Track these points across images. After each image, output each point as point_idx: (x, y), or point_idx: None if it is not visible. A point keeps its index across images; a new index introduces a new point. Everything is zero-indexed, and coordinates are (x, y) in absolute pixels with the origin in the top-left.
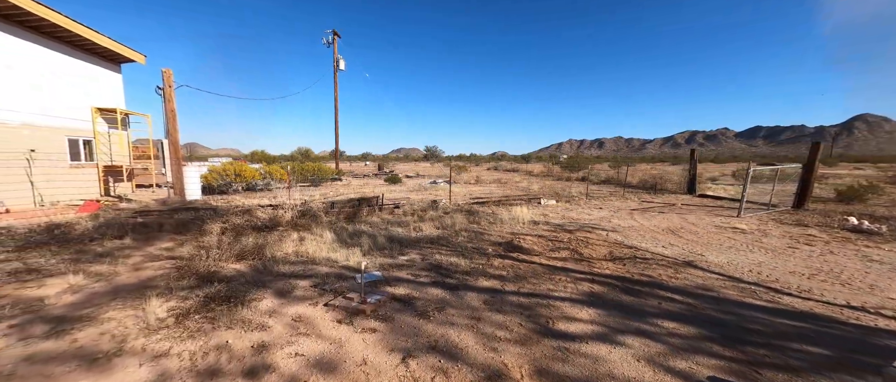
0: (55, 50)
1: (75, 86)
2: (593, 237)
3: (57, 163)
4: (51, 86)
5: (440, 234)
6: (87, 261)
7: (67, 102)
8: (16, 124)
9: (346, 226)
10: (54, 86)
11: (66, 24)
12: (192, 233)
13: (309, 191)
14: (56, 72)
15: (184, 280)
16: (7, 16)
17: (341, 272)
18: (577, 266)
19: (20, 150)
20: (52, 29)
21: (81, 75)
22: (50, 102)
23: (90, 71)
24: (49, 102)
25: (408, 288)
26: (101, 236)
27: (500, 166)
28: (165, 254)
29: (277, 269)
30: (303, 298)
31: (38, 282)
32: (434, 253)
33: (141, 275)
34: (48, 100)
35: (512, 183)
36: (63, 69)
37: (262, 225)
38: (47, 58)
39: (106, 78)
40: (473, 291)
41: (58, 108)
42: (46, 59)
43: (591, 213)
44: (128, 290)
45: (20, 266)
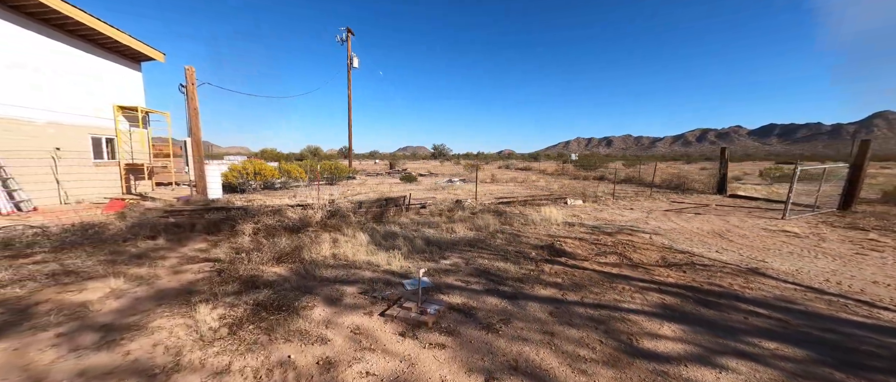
0: (79, 48)
1: (98, 85)
2: (637, 240)
3: (81, 161)
4: (75, 84)
5: (475, 236)
6: (123, 263)
7: (91, 101)
8: (42, 123)
9: (377, 227)
10: (78, 84)
11: (91, 22)
12: (224, 234)
13: (327, 189)
14: (80, 70)
15: (227, 285)
16: (33, 14)
17: (385, 277)
18: (634, 273)
19: (46, 149)
20: (76, 27)
21: (104, 74)
22: (74, 101)
23: (112, 69)
24: (73, 101)
25: (462, 297)
26: (134, 236)
27: (511, 165)
28: (201, 256)
29: (319, 273)
30: (355, 306)
31: (79, 286)
32: (476, 256)
33: (182, 279)
34: (72, 98)
35: (528, 182)
36: (87, 67)
37: (292, 226)
38: (71, 56)
39: (127, 76)
40: (533, 301)
41: (82, 107)
42: (71, 58)
43: (624, 214)
44: (172, 295)
45: (58, 267)
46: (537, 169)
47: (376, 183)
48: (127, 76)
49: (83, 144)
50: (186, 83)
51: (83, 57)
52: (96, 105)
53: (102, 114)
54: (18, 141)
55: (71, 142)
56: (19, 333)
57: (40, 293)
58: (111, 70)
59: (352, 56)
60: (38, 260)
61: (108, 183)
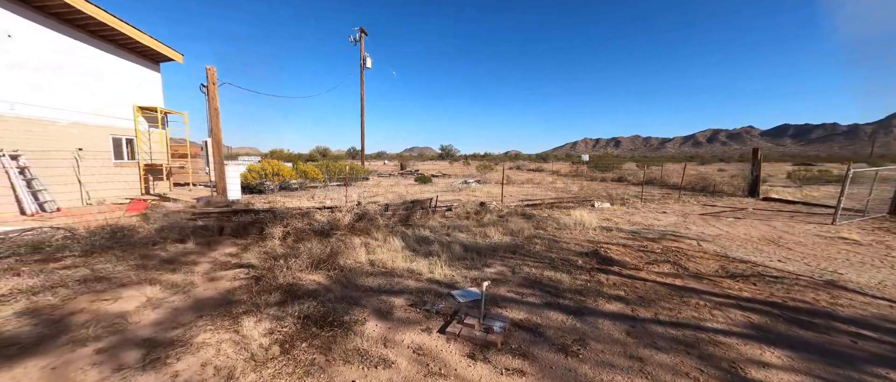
0: (101, 48)
1: (118, 85)
2: (685, 247)
3: (102, 161)
4: (96, 84)
5: (511, 242)
6: (154, 268)
7: (111, 101)
8: (65, 123)
9: (406, 231)
10: (100, 84)
11: (113, 22)
12: (252, 237)
13: (343, 190)
14: (101, 70)
15: (267, 294)
16: (57, 14)
17: (431, 287)
18: (700, 285)
19: (69, 150)
20: (98, 28)
21: (125, 74)
22: (96, 101)
23: (133, 70)
24: (96, 101)
25: (521, 311)
26: (162, 240)
27: (522, 165)
28: (233, 261)
29: (361, 282)
30: (409, 321)
31: (113, 294)
32: (520, 264)
33: (218, 287)
34: (94, 98)
35: (545, 183)
36: (108, 68)
37: (321, 229)
38: (93, 56)
39: (147, 77)
40: (602, 317)
41: (103, 107)
42: (92, 58)
43: (658, 218)
44: (211, 305)
45: (88, 273)
46: (549, 169)
47: (391, 184)
48: (147, 77)
49: (104, 145)
50: (207, 83)
51: (105, 57)
52: (117, 105)
53: (123, 115)
54: (42, 142)
55: (93, 143)
56: (58, 348)
57: (74, 301)
58: (132, 70)
59: (365, 56)
60: (67, 264)
61: (127, 183)
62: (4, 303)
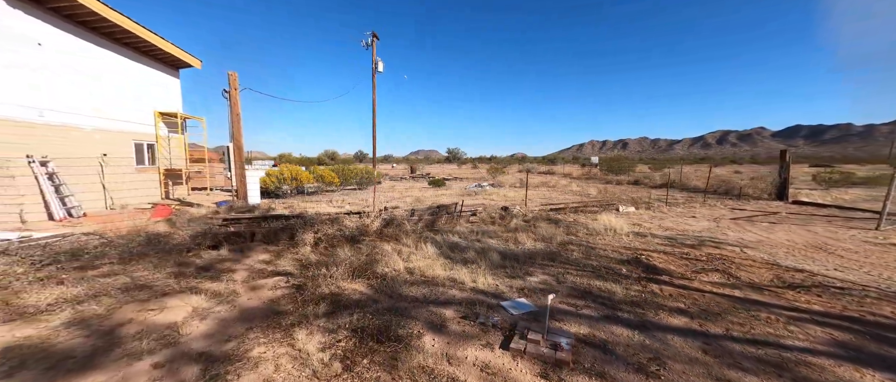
0: (124, 55)
1: (140, 91)
2: (729, 254)
3: (124, 166)
4: (120, 90)
5: (546, 248)
6: (192, 276)
7: (134, 107)
8: (89, 129)
9: (435, 237)
10: (123, 90)
11: (137, 30)
12: (283, 243)
13: (358, 194)
14: (124, 77)
15: (313, 304)
16: (84, 22)
17: (476, 297)
18: (761, 296)
19: (93, 155)
20: (123, 35)
21: (146, 80)
22: (118, 107)
23: (153, 76)
24: (117, 107)
25: (581, 325)
26: (196, 246)
27: (532, 168)
28: (270, 269)
29: (404, 292)
30: (466, 335)
31: (158, 303)
32: (563, 273)
33: (261, 296)
34: (116, 104)
35: (560, 186)
36: (130, 74)
37: (351, 235)
38: (117, 63)
39: (167, 83)
40: (670, 333)
41: (126, 113)
42: (116, 65)
43: (690, 223)
44: (258, 316)
45: (129, 281)
46: (560, 172)
47: (405, 187)
48: (166, 82)
49: (127, 150)
50: (229, 88)
51: (128, 64)
52: (139, 111)
53: (144, 120)
54: (68, 148)
55: (116, 148)
56: (113, 362)
57: (119, 311)
58: (152, 76)
59: (377, 60)
60: (105, 271)
61: (148, 188)
62: (51, 313)
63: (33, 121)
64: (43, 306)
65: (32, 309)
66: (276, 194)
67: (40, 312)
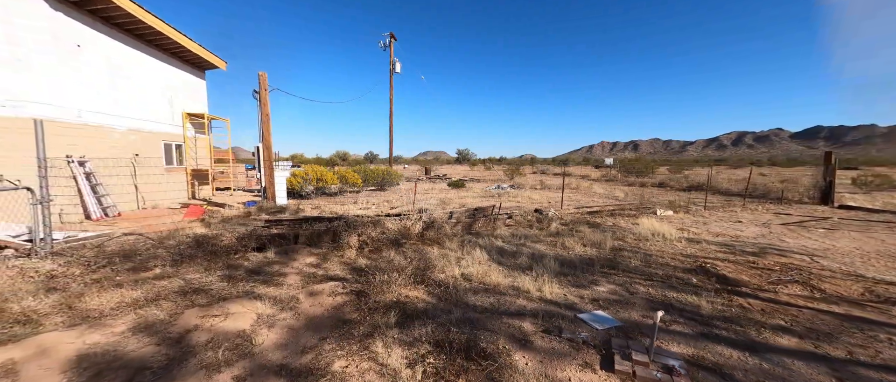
0: (155, 57)
1: (170, 92)
2: (800, 263)
3: (154, 167)
4: (150, 92)
5: (599, 254)
6: (243, 279)
7: (163, 108)
8: (123, 130)
9: (478, 241)
10: (153, 92)
11: (167, 30)
12: (326, 246)
13: (380, 195)
14: (155, 78)
15: (380, 314)
16: (119, 25)
17: (549, 308)
18: (866, 313)
19: (126, 155)
20: (155, 37)
21: (175, 81)
22: (149, 108)
23: (182, 77)
24: (149, 108)
25: (679, 344)
26: (243, 248)
27: (547, 170)
28: (320, 273)
29: (470, 301)
30: (558, 353)
31: (220, 309)
32: (629, 282)
33: (323, 303)
34: (148, 106)
35: (583, 189)
36: (160, 75)
37: (393, 239)
38: (148, 64)
39: (194, 84)
40: (784, 355)
41: (157, 114)
42: (148, 66)
43: (739, 229)
44: (326, 325)
45: (183, 284)
46: (578, 174)
47: (425, 188)
48: (193, 84)
49: (157, 151)
50: (259, 88)
51: (158, 65)
52: (168, 112)
53: (173, 121)
54: (103, 148)
55: (147, 149)
56: (191, 374)
57: (183, 316)
58: (181, 78)
59: (394, 61)
60: (158, 273)
61: (176, 188)
62: (115, 317)
63: (72, 121)
64: (106, 310)
65: (96, 313)
66: (300, 194)
67: (104, 316)
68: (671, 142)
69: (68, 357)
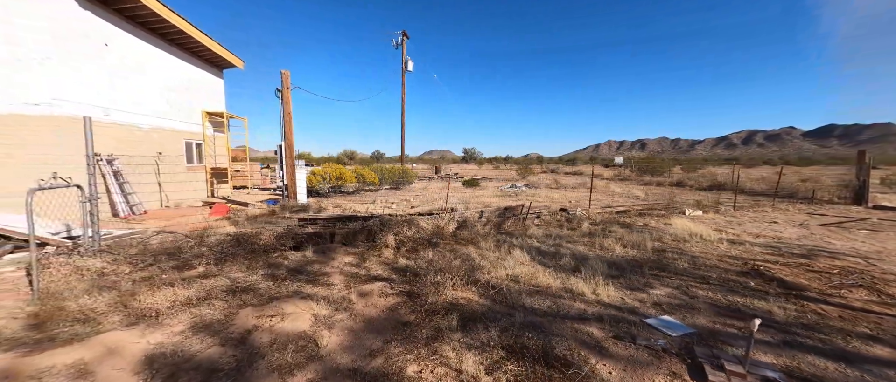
0: (176, 55)
1: (192, 92)
2: (855, 266)
3: (176, 165)
4: (173, 91)
5: (641, 256)
6: (287, 279)
7: (184, 106)
8: (147, 128)
9: (513, 241)
10: (175, 91)
11: (190, 29)
12: (361, 245)
13: (395, 194)
14: (179, 77)
15: (439, 316)
16: (144, 23)
17: (610, 312)
18: None
19: (150, 153)
20: (177, 36)
21: (196, 80)
22: (172, 107)
23: (202, 76)
24: (171, 107)
25: (764, 353)
26: (281, 247)
27: (558, 169)
28: (363, 273)
29: (526, 303)
30: (639, 362)
31: (275, 309)
32: (684, 285)
33: (376, 304)
34: (171, 104)
35: (600, 188)
36: (181, 74)
37: (428, 238)
38: (172, 64)
39: (212, 83)
40: (885, 367)
41: (179, 113)
42: (170, 65)
43: (777, 229)
44: (386, 327)
45: (229, 283)
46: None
47: (439, 187)
48: (212, 83)
49: (179, 149)
50: (281, 87)
51: (179, 64)
52: (189, 111)
53: (193, 120)
54: (129, 146)
55: (169, 147)
56: (266, 377)
57: (238, 317)
58: (201, 77)
59: (406, 60)
60: (202, 271)
61: (196, 186)
62: (171, 316)
63: (100, 119)
64: (162, 309)
65: (151, 312)
66: (318, 193)
67: (160, 315)
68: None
69: (137, 357)
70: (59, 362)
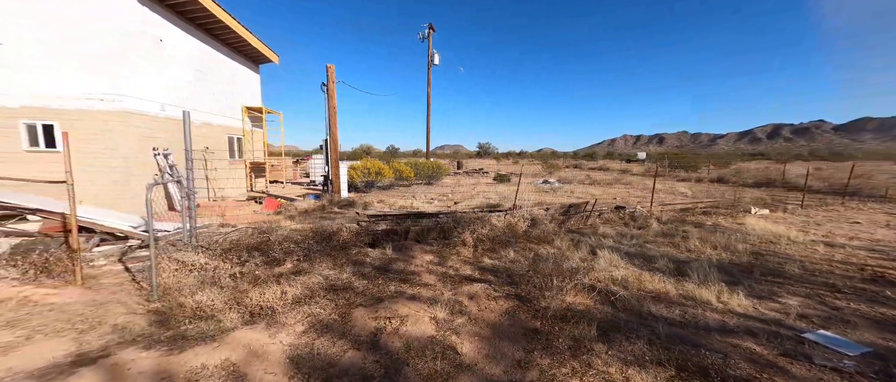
0: (219, 51)
1: (233, 87)
2: None
3: (220, 160)
4: (217, 86)
5: (735, 259)
6: (377, 277)
7: (227, 102)
8: (198, 124)
9: (586, 239)
10: (219, 86)
11: (234, 25)
12: (435, 243)
13: (434, 189)
14: (220, 72)
15: (568, 325)
16: (192, 19)
17: (754, 325)
18: None
19: (198, 148)
20: (222, 31)
21: (237, 76)
22: (217, 102)
23: (242, 72)
24: (217, 102)
25: None
26: (360, 243)
27: (581, 165)
28: (453, 273)
29: (650, 310)
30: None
31: (387, 311)
32: (815, 293)
33: (490, 308)
34: (216, 100)
35: (636, 184)
36: (225, 69)
37: (500, 236)
38: (215, 58)
39: (250, 78)
40: None
41: (221, 107)
42: (215, 60)
43: (864, 230)
44: (514, 334)
45: (322, 280)
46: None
47: (472, 183)
48: (250, 78)
49: (223, 144)
50: (327, 81)
51: (223, 59)
52: (231, 106)
53: (234, 115)
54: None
55: (214, 142)
56: None
57: (352, 317)
58: (241, 72)
59: (433, 53)
60: (290, 267)
61: (237, 180)
62: (286, 315)
63: (156, 114)
64: (276, 307)
65: (267, 311)
66: (355, 187)
67: (276, 313)
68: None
69: (280, 359)
70: (209, 362)
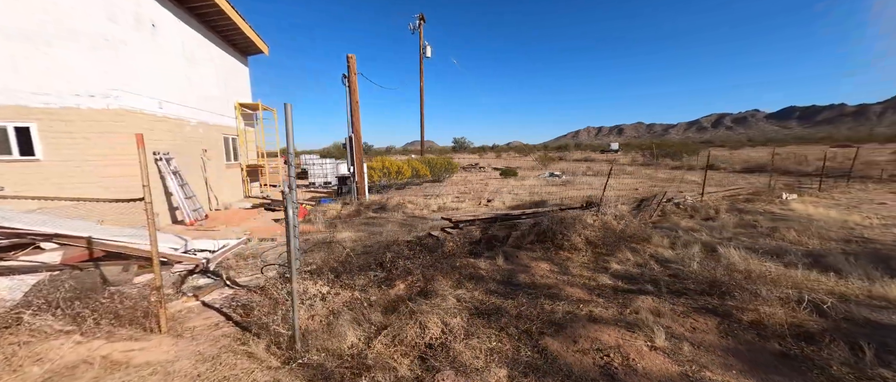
0: (210, 39)
1: (224, 80)
2: None
3: (217, 162)
4: (210, 80)
5: (827, 247)
6: (516, 294)
7: (220, 98)
8: (194, 123)
9: (683, 236)
10: (212, 80)
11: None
12: (537, 247)
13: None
14: (213, 64)
15: (809, 344)
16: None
17: None
18: None
19: (196, 151)
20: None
21: (229, 68)
22: (210, 98)
23: (232, 64)
24: (210, 98)
25: None
26: (461, 253)
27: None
28: (593, 284)
29: (874, 320)
30: None
31: (588, 341)
32: None
33: (697, 326)
34: (209, 95)
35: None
36: (216, 61)
37: (608, 238)
38: (207, 49)
39: (240, 71)
40: None
41: (214, 104)
42: (207, 51)
43: None
44: (767, 364)
45: (456, 304)
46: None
47: (481, 179)
48: (240, 71)
49: (219, 145)
50: (348, 72)
51: (213, 50)
52: (225, 102)
53: (228, 113)
54: (178, 142)
55: (212, 143)
56: None
57: (551, 352)
58: (232, 65)
59: (425, 45)
60: (404, 288)
61: (234, 185)
62: (475, 359)
63: (154, 112)
64: (452, 346)
65: (438, 351)
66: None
67: (452, 352)
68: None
69: None
70: None
